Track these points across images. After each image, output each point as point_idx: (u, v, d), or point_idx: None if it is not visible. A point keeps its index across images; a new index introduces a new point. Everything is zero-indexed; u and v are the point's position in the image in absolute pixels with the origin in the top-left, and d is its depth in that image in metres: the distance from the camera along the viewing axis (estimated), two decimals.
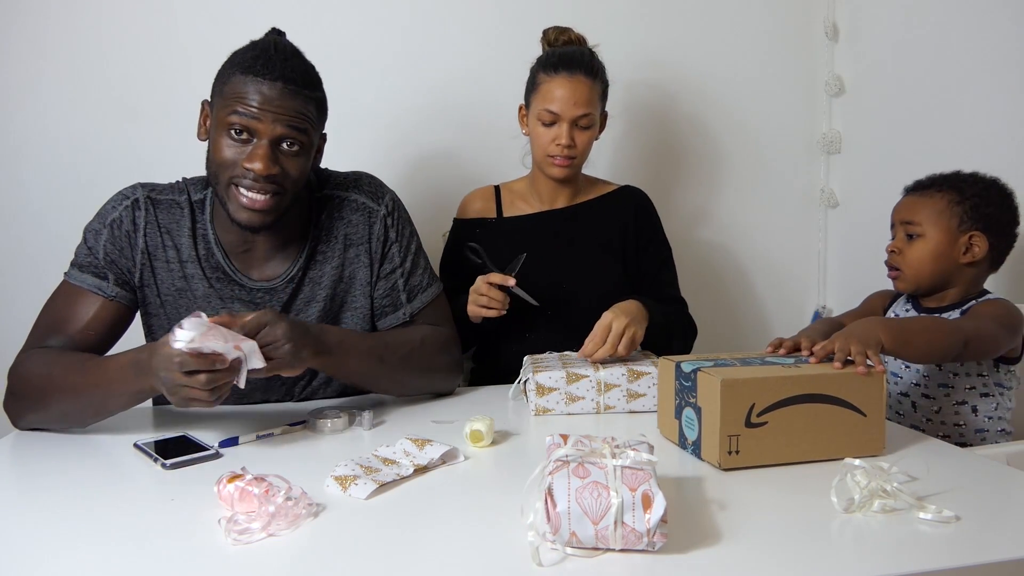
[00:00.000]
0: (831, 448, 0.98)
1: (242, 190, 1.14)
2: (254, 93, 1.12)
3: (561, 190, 1.64)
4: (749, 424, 0.95)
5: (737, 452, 0.96)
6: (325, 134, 1.28)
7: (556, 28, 1.61)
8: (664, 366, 1.10)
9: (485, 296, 1.38)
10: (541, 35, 1.62)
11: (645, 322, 1.34)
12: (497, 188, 1.71)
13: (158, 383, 1.00)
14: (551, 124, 1.51)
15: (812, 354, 1.05)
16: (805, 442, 0.98)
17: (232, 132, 1.13)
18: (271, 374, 1.05)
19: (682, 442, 1.05)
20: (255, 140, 1.13)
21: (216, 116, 1.15)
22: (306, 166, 1.20)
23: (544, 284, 1.50)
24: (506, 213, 1.66)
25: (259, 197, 1.14)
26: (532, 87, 1.57)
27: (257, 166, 1.12)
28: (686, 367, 1.03)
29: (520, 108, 1.63)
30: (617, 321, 1.28)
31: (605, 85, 1.56)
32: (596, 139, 1.58)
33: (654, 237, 1.66)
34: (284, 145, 1.15)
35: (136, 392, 1.07)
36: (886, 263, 1.40)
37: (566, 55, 1.52)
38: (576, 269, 1.58)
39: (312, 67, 1.21)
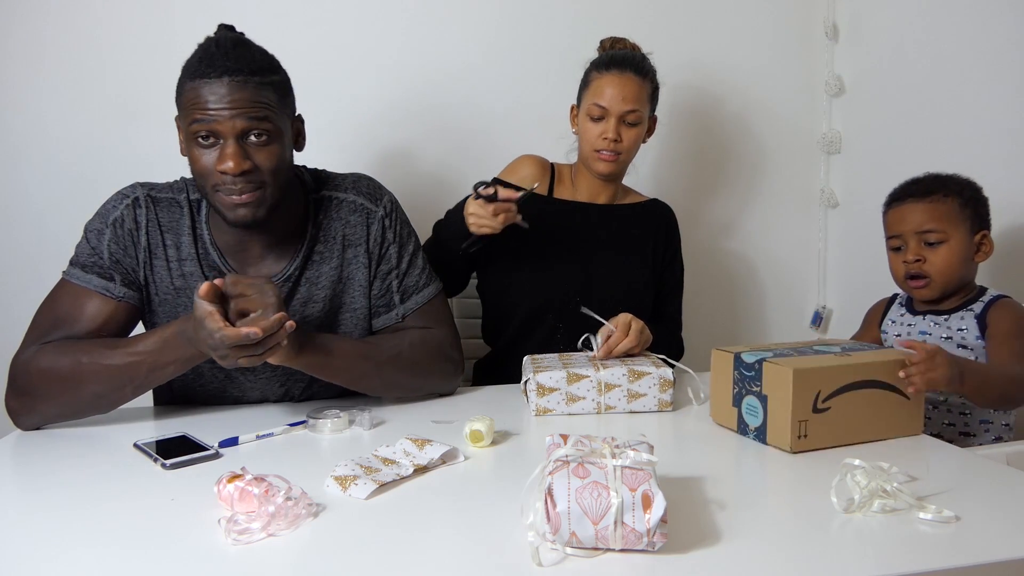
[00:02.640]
0: (881, 429, 1.08)
1: (223, 195, 1.14)
2: (205, 95, 1.11)
3: (602, 189, 1.65)
4: (815, 410, 1.03)
5: (805, 436, 1.02)
6: (300, 116, 1.27)
7: (611, 38, 1.65)
8: (720, 357, 1.15)
9: (475, 215, 1.39)
10: (598, 44, 1.66)
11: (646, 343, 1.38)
12: (552, 165, 1.71)
13: (207, 349, 1.06)
14: (599, 119, 1.54)
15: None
16: (860, 424, 1.06)
17: (199, 139, 1.13)
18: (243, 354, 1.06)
19: (742, 429, 1.11)
20: (221, 141, 1.13)
21: (183, 128, 1.16)
22: (282, 154, 1.18)
23: (578, 276, 1.55)
24: (556, 194, 1.67)
25: (244, 196, 1.14)
26: (584, 85, 1.60)
27: (229, 166, 1.11)
28: (748, 358, 1.09)
29: (572, 108, 1.65)
30: (636, 321, 1.33)
31: (655, 87, 1.59)
32: (644, 142, 1.61)
33: (676, 256, 1.71)
34: (252, 138, 1.14)
35: (187, 359, 1.12)
36: (907, 275, 1.39)
37: (618, 55, 1.57)
38: (610, 267, 1.60)
39: (261, 52, 1.19)
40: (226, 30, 1.21)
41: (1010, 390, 1.22)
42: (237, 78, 1.11)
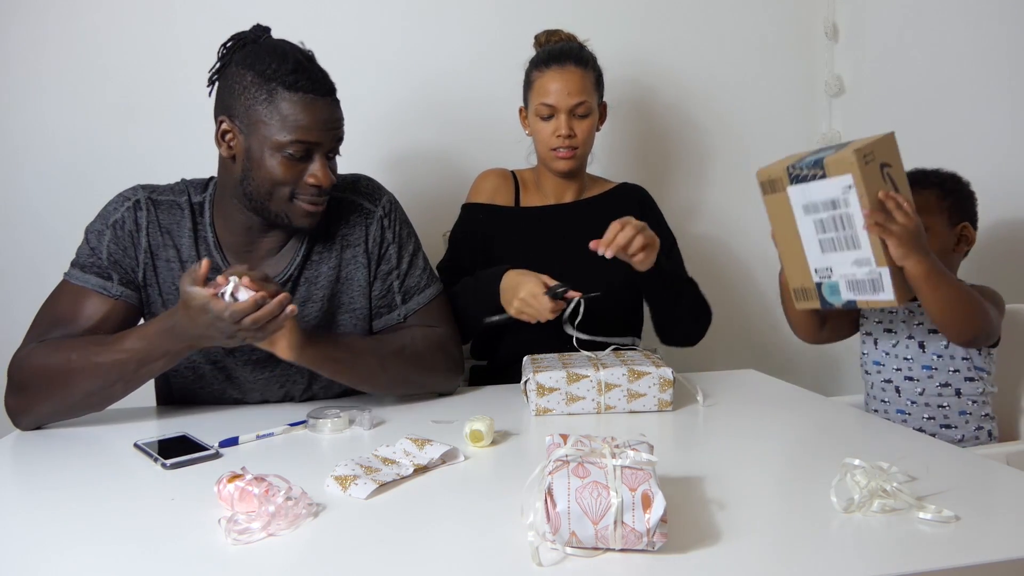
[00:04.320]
0: None
1: (303, 204, 1.18)
2: (312, 113, 1.14)
3: (567, 186, 1.64)
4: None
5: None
6: None
7: (546, 31, 1.64)
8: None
9: (538, 313, 1.36)
10: (533, 40, 1.65)
11: (656, 246, 1.38)
12: (513, 173, 1.70)
13: (205, 337, 1.08)
14: (549, 117, 1.54)
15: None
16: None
17: (291, 153, 1.15)
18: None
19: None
20: (313, 156, 1.17)
21: (261, 134, 1.14)
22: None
23: (556, 278, 1.52)
24: (522, 202, 1.66)
25: (321, 207, 1.20)
26: (527, 86, 1.60)
27: (323, 182, 1.17)
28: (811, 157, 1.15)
29: (520, 111, 1.65)
30: (632, 223, 1.34)
31: (598, 74, 1.58)
32: (598, 130, 1.60)
33: (660, 228, 1.67)
34: (331, 154, 1.21)
35: (175, 353, 1.13)
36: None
37: (555, 50, 1.56)
38: (590, 264, 1.58)
39: None
40: (264, 31, 1.22)
41: (967, 304, 1.22)
42: (335, 98, 1.19)
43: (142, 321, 1.27)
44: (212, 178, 1.29)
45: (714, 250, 2.23)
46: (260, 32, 1.21)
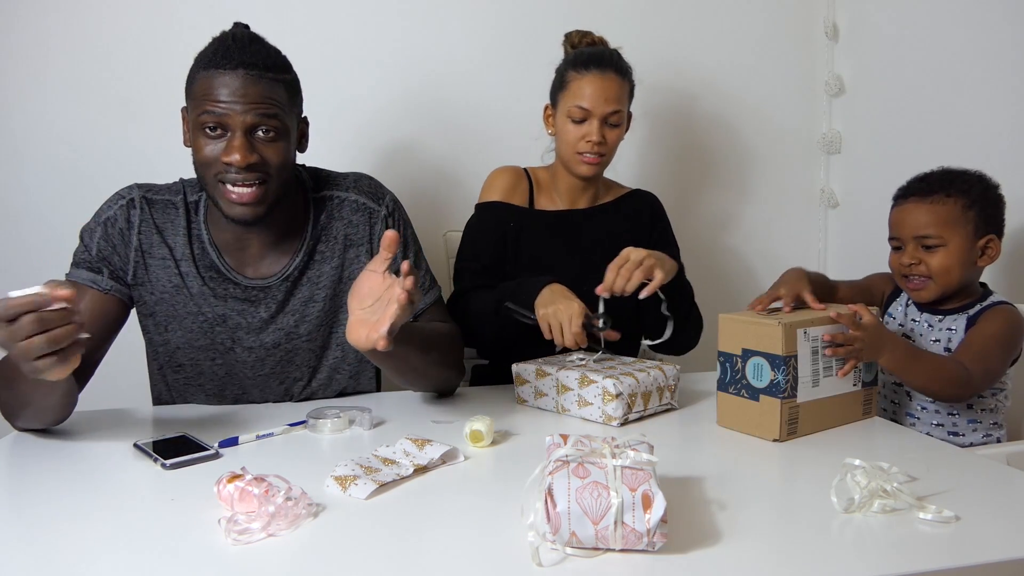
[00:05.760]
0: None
1: (228, 186, 1.14)
2: (219, 86, 1.12)
3: (584, 190, 1.63)
4: None
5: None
6: (306, 118, 1.28)
7: (578, 31, 1.63)
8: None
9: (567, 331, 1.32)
10: (564, 38, 1.64)
11: (669, 267, 1.34)
12: (527, 172, 1.67)
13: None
14: (581, 121, 1.51)
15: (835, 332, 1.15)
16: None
17: (206, 130, 1.13)
18: None
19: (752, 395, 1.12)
20: (229, 133, 1.13)
21: (191, 118, 1.16)
22: (287, 151, 1.19)
23: (567, 284, 1.51)
24: (536, 205, 1.64)
25: (245, 190, 1.14)
26: (561, 85, 1.56)
27: (235, 158, 1.11)
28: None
29: (546, 108, 1.61)
30: (635, 252, 1.30)
31: (632, 85, 1.57)
32: (622, 139, 1.58)
33: (668, 240, 1.68)
34: (259, 133, 1.14)
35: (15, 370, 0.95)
36: (905, 276, 1.36)
37: (596, 54, 1.54)
38: (597, 270, 1.56)
39: (276, 51, 1.20)
40: (242, 27, 1.23)
41: (946, 377, 1.22)
42: (252, 72, 1.12)
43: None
44: None
45: (713, 249, 2.23)
46: (237, 28, 1.23)
